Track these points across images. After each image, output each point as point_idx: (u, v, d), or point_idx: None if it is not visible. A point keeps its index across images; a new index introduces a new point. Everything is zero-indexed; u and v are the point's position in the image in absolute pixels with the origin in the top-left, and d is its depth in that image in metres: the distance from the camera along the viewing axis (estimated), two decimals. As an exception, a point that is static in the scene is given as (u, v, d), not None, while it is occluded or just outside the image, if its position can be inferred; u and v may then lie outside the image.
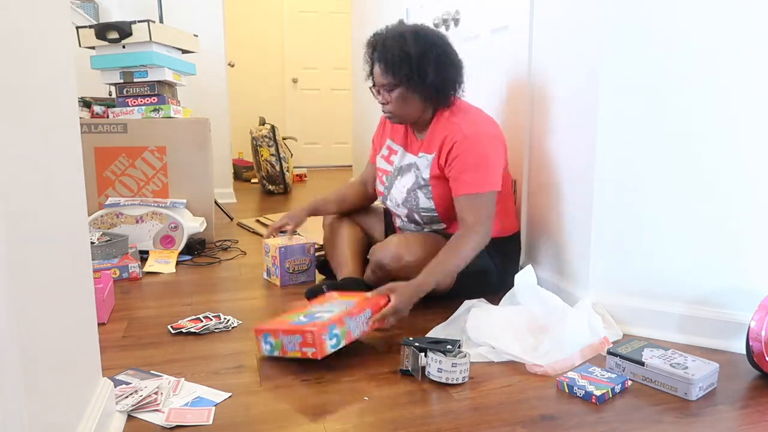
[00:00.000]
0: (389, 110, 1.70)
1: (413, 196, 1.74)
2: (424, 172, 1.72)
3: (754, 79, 1.33)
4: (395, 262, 1.61)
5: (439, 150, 1.68)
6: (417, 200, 1.73)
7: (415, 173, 1.74)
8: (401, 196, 1.77)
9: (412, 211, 1.76)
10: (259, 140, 4.17)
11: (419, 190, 1.73)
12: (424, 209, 1.74)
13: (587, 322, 1.42)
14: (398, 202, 1.79)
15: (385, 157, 1.87)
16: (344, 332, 1.31)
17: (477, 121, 1.68)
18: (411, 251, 1.62)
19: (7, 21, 0.65)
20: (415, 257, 1.61)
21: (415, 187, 1.73)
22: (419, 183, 1.73)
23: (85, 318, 0.92)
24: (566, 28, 1.64)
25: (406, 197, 1.75)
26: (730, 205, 1.39)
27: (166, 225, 2.26)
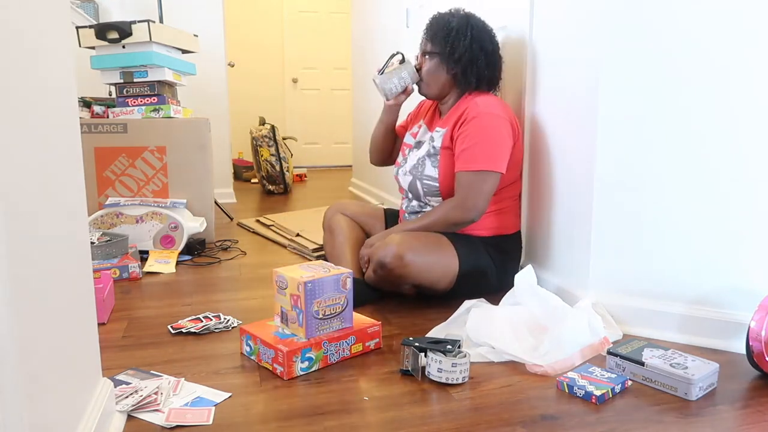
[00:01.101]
0: (421, 76, 1.82)
1: (421, 163, 1.79)
2: (436, 142, 1.78)
3: (755, 80, 1.33)
4: (397, 261, 1.61)
5: (453, 123, 1.74)
6: (423, 167, 1.78)
7: (430, 144, 1.80)
8: (411, 163, 1.83)
9: (416, 179, 1.79)
10: (259, 140, 4.17)
11: (428, 158, 1.78)
12: (427, 177, 1.77)
13: (587, 322, 1.42)
14: (407, 170, 1.84)
15: (412, 134, 1.94)
16: (320, 357, 1.29)
17: (494, 104, 1.72)
18: (412, 251, 1.62)
19: (6, 21, 0.65)
20: (417, 257, 1.62)
21: (425, 155, 1.79)
22: (429, 152, 1.78)
23: (85, 318, 0.92)
24: (566, 28, 1.64)
25: (415, 164, 1.81)
26: (730, 205, 1.39)
27: (166, 225, 2.26)
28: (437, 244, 1.67)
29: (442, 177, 1.74)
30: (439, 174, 1.74)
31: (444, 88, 1.81)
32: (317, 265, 1.39)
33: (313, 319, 1.30)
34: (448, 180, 1.74)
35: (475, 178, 1.67)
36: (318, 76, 5.91)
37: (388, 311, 1.67)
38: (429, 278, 1.65)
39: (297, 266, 1.38)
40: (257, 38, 5.68)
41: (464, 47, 1.73)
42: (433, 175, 1.75)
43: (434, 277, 1.65)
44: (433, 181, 1.76)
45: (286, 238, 2.59)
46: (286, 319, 1.35)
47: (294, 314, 1.32)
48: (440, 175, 1.74)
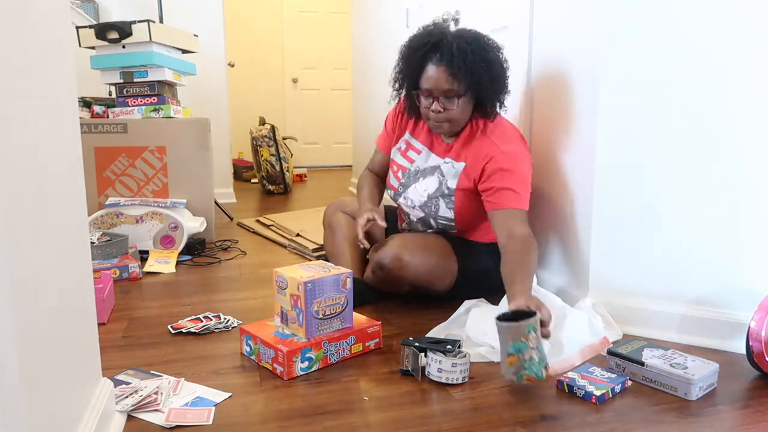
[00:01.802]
0: (446, 117, 1.58)
1: (434, 203, 1.69)
2: (449, 181, 1.66)
3: (755, 80, 1.33)
4: (395, 262, 1.60)
5: (473, 162, 1.62)
6: (438, 208, 1.69)
7: (440, 179, 1.68)
8: (420, 200, 1.71)
9: (429, 216, 1.72)
10: (259, 140, 4.17)
11: (441, 199, 1.67)
12: (442, 218, 1.69)
13: (587, 322, 1.42)
14: (415, 204, 1.73)
15: (402, 152, 1.78)
16: (320, 357, 1.29)
17: (509, 137, 1.62)
18: (411, 252, 1.61)
19: (6, 21, 0.65)
20: (415, 258, 1.61)
21: (437, 195, 1.68)
22: (443, 191, 1.67)
23: (85, 318, 0.92)
24: (566, 28, 1.64)
25: (426, 202, 1.70)
26: (730, 205, 1.39)
27: (166, 225, 2.26)
28: (436, 246, 1.67)
29: (459, 216, 1.67)
30: (455, 215, 1.67)
31: (468, 120, 1.65)
32: (317, 265, 1.39)
33: (313, 319, 1.30)
34: (464, 218, 1.68)
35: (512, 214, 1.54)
36: (318, 76, 5.91)
37: (388, 311, 1.67)
38: (428, 280, 1.64)
39: (297, 266, 1.38)
40: (257, 38, 5.68)
41: (502, 80, 1.59)
42: (449, 216, 1.68)
43: (433, 279, 1.65)
44: (449, 221, 1.69)
45: (286, 238, 2.59)
46: (286, 319, 1.35)
47: (294, 314, 1.32)
48: (457, 216, 1.67)
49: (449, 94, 1.55)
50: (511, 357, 1.14)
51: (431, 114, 1.60)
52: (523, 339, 1.12)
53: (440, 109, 1.57)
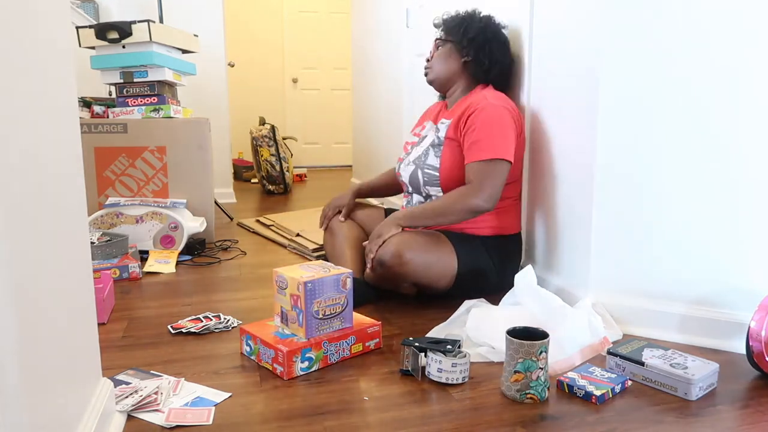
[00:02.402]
0: (429, 65, 1.85)
1: (424, 153, 1.80)
2: (441, 132, 1.79)
3: (755, 81, 1.33)
4: (395, 259, 1.61)
5: (459, 114, 1.75)
6: (426, 157, 1.79)
7: (434, 134, 1.81)
8: (415, 156, 1.84)
9: (418, 168, 1.80)
10: (259, 140, 4.17)
11: (431, 149, 1.79)
12: (428, 166, 1.78)
13: (587, 322, 1.42)
14: (410, 161, 1.85)
15: (415, 133, 1.96)
16: (320, 357, 1.30)
17: (496, 96, 1.75)
18: (412, 249, 1.62)
19: (6, 21, 0.65)
20: (416, 255, 1.62)
21: (428, 146, 1.80)
22: (434, 142, 1.79)
23: (85, 318, 0.92)
24: (566, 27, 1.64)
25: (419, 155, 1.82)
26: (730, 205, 1.39)
27: (166, 225, 2.26)
28: (437, 244, 1.67)
29: (443, 167, 1.74)
30: (440, 164, 1.74)
31: (452, 77, 1.84)
32: (317, 265, 1.39)
33: (313, 319, 1.30)
34: (448, 171, 1.73)
35: (487, 167, 1.66)
36: (318, 76, 5.91)
37: (388, 311, 1.67)
38: (428, 277, 1.65)
39: (297, 266, 1.38)
40: (257, 38, 5.68)
41: (482, 42, 1.78)
42: (434, 165, 1.76)
43: (433, 276, 1.65)
44: (434, 170, 1.76)
45: (286, 238, 2.59)
46: (286, 319, 1.35)
47: (294, 314, 1.32)
48: (441, 165, 1.74)
49: (437, 42, 1.84)
50: (518, 374, 1.14)
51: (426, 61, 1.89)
52: (534, 358, 1.13)
53: (428, 58, 1.87)
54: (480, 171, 1.66)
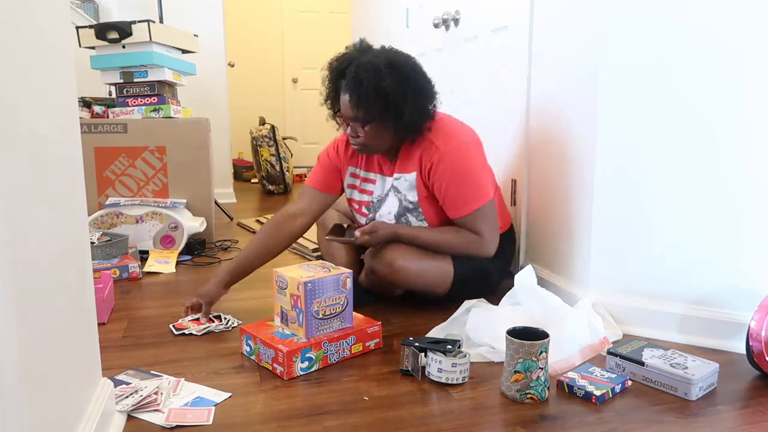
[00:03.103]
0: (361, 143, 1.59)
1: (404, 222, 1.67)
2: (408, 195, 1.65)
3: (756, 79, 1.33)
4: (387, 267, 1.58)
5: (419, 169, 1.62)
6: (409, 224, 1.67)
7: (398, 197, 1.66)
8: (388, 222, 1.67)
9: None
10: (259, 140, 4.17)
11: (409, 215, 1.66)
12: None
13: (587, 322, 1.42)
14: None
15: (356, 188, 1.75)
16: (320, 357, 1.29)
17: (449, 133, 1.61)
18: (404, 257, 1.59)
19: (6, 21, 0.65)
20: (408, 263, 1.59)
21: (404, 212, 1.66)
22: (406, 207, 1.66)
23: (85, 318, 0.92)
24: (566, 27, 1.64)
25: (395, 223, 1.67)
26: (730, 205, 1.39)
27: (166, 225, 2.26)
28: (429, 252, 1.63)
29: (433, 222, 1.66)
30: (428, 223, 1.66)
31: (393, 141, 1.62)
32: (317, 265, 1.39)
33: (313, 319, 1.30)
34: (438, 221, 1.66)
35: (476, 215, 1.61)
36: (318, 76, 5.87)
37: (388, 311, 1.67)
38: (422, 284, 1.62)
39: (297, 266, 1.39)
40: (257, 38, 5.68)
41: (411, 105, 1.53)
42: (424, 226, 1.66)
43: (428, 282, 1.62)
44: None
45: (286, 238, 2.59)
46: (286, 319, 1.35)
47: (294, 314, 1.32)
48: (430, 223, 1.66)
49: (355, 121, 1.56)
50: (518, 374, 1.14)
51: (350, 137, 1.60)
52: (534, 358, 1.13)
53: (354, 134, 1.59)
54: (473, 221, 1.61)
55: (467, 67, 2.31)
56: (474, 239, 1.62)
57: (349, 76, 1.52)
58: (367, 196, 1.74)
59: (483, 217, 1.62)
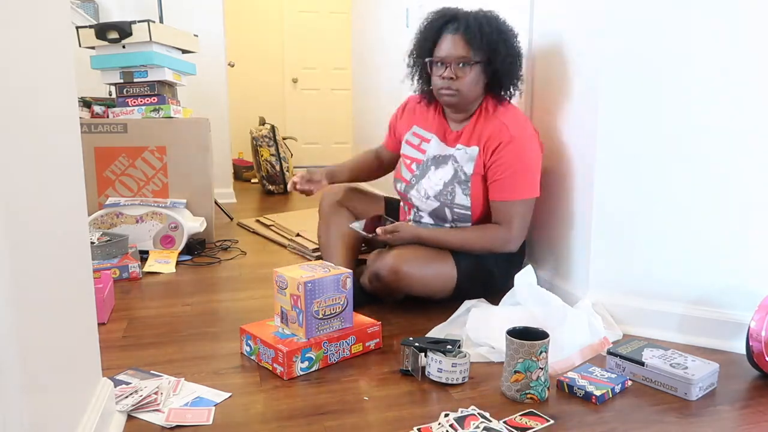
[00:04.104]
0: (456, 87, 1.58)
1: (450, 190, 1.66)
2: (466, 167, 1.65)
3: (756, 80, 1.33)
4: (392, 275, 1.56)
5: (484, 147, 1.62)
6: (453, 195, 1.66)
7: (454, 166, 1.66)
8: (435, 189, 1.68)
9: (445, 205, 1.68)
10: (259, 140, 4.17)
11: (458, 185, 1.65)
12: (458, 206, 1.66)
13: (587, 322, 1.42)
14: (429, 194, 1.69)
15: (414, 145, 1.77)
16: (320, 357, 1.29)
17: (521, 122, 1.63)
18: (408, 263, 1.57)
19: (6, 21, 0.65)
20: (413, 269, 1.57)
21: (454, 181, 1.66)
22: (459, 177, 1.65)
23: (85, 318, 0.92)
24: (566, 27, 1.64)
25: (442, 190, 1.67)
26: (729, 205, 1.39)
27: (166, 225, 2.26)
28: (436, 256, 1.62)
29: (475, 206, 1.65)
30: (471, 202, 1.65)
31: (480, 96, 1.65)
32: (317, 265, 1.39)
33: (313, 319, 1.30)
34: (481, 209, 1.66)
35: (517, 207, 1.61)
36: (318, 76, 5.91)
37: (388, 311, 1.67)
38: (426, 290, 1.62)
39: (297, 266, 1.39)
40: (257, 38, 5.68)
41: (515, 59, 1.61)
42: (465, 204, 1.65)
43: (431, 288, 1.62)
44: (465, 210, 1.66)
45: (286, 238, 2.59)
46: (286, 319, 1.35)
47: (294, 314, 1.32)
48: (473, 204, 1.65)
49: (463, 60, 1.57)
50: (518, 374, 1.14)
51: (442, 82, 1.60)
52: (534, 358, 1.13)
53: (452, 76, 1.58)
54: (511, 212, 1.61)
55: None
56: (500, 235, 1.62)
57: (468, 19, 1.57)
58: (420, 154, 1.75)
59: (522, 210, 1.62)
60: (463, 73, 1.58)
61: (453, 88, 1.59)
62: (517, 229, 1.62)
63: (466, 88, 1.60)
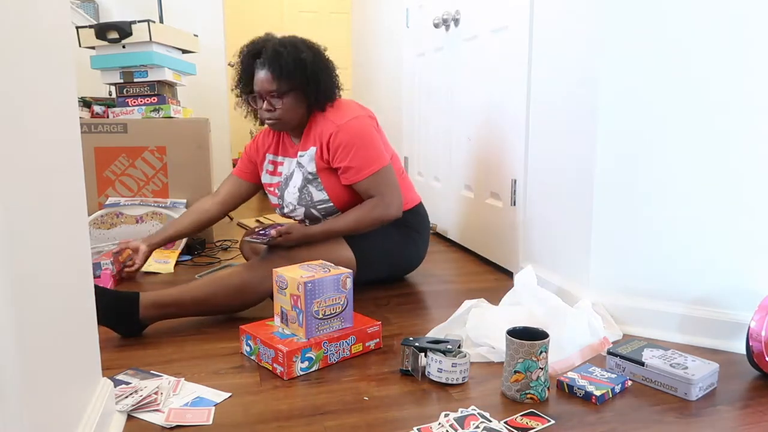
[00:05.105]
0: (277, 117, 1.72)
1: (306, 193, 1.78)
2: (309, 167, 1.77)
3: (757, 80, 1.33)
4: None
5: (319, 144, 1.74)
6: (310, 195, 1.78)
7: (301, 171, 1.79)
8: (294, 197, 1.81)
9: (309, 207, 1.80)
10: (259, 140, 4.16)
11: (309, 185, 1.77)
12: (319, 202, 1.78)
13: (587, 322, 1.42)
14: (294, 204, 1.82)
15: (271, 172, 1.91)
16: (320, 357, 1.30)
17: (343, 110, 1.75)
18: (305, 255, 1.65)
19: (6, 21, 0.65)
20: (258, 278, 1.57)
21: (305, 184, 1.78)
22: (307, 178, 1.77)
23: (85, 318, 0.92)
24: (566, 27, 1.64)
25: (300, 196, 1.79)
26: (730, 205, 1.39)
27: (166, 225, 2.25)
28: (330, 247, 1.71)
29: (332, 196, 1.77)
30: (328, 195, 1.77)
31: (304, 115, 1.76)
32: (317, 265, 1.39)
33: (313, 319, 1.30)
34: (338, 194, 1.77)
35: (376, 179, 1.72)
36: (318, 76, 5.90)
37: (388, 311, 1.67)
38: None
39: (297, 266, 1.39)
40: (257, 38, 5.68)
41: (325, 76, 1.72)
42: (323, 198, 1.77)
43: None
44: (326, 203, 1.78)
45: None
46: (286, 319, 1.35)
47: (294, 314, 1.32)
48: (330, 195, 1.77)
49: (274, 94, 1.70)
50: (517, 374, 1.14)
51: (264, 114, 1.74)
52: (534, 358, 1.13)
53: (270, 108, 1.72)
54: (373, 184, 1.72)
55: (467, 67, 2.31)
56: (377, 204, 1.71)
57: (268, 52, 1.67)
58: (277, 177, 1.89)
59: (382, 180, 1.72)
60: (278, 104, 1.71)
61: (275, 118, 1.73)
62: (389, 195, 1.73)
63: (288, 115, 1.73)
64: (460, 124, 2.40)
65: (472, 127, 2.30)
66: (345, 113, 1.74)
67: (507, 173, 2.04)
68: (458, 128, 2.42)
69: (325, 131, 1.72)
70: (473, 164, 2.32)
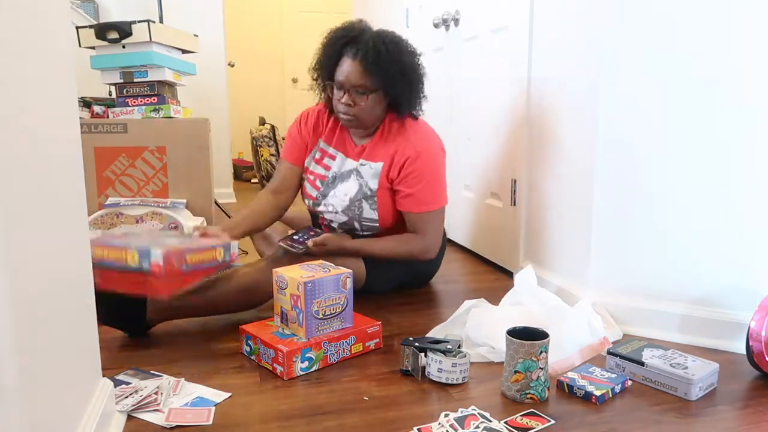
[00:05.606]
0: (354, 113, 1.60)
1: (357, 206, 1.70)
2: (370, 182, 1.68)
3: (758, 78, 1.33)
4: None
5: (390, 162, 1.66)
6: (361, 210, 1.71)
7: (359, 181, 1.69)
8: (342, 204, 1.72)
9: (354, 220, 1.73)
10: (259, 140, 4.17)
11: (364, 201, 1.69)
12: (367, 219, 1.72)
13: (587, 322, 1.42)
14: (337, 209, 1.73)
15: (318, 161, 1.78)
16: (320, 357, 1.29)
17: (426, 136, 1.68)
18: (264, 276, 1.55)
19: (6, 21, 0.65)
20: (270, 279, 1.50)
21: (359, 197, 1.69)
22: (365, 193, 1.69)
23: (85, 318, 0.92)
24: (566, 27, 1.64)
25: (349, 206, 1.71)
26: (730, 204, 1.39)
27: (166, 225, 2.25)
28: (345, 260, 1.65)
29: (383, 218, 1.71)
30: (379, 216, 1.71)
31: (381, 118, 1.67)
32: (317, 265, 1.39)
33: (313, 319, 1.30)
34: (389, 221, 1.72)
35: (430, 217, 1.68)
36: (318, 76, 5.91)
37: (388, 311, 1.67)
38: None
39: (297, 266, 1.39)
40: (257, 38, 5.68)
41: (416, 82, 1.63)
42: (373, 217, 1.71)
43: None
44: (373, 223, 1.72)
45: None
46: (286, 319, 1.35)
47: (294, 314, 1.32)
48: (380, 217, 1.71)
49: (360, 89, 1.58)
50: (518, 374, 1.14)
51: (341, 106, 1.62)
52: (534, 358, 1.13)
53: (350, 103, 1.59)
54: (425, 221, 1.68)
55: (467, 67, 2.31)
56: (419, 242, 1.68)
57: (366, 44, 1.54)
58: (324, 170, 1.76)
59: (434, 221, 1.69)
60: (361, 100, 1.59)
61: (351, 114, 1.61)
62: (432, 236, 1.69)
63: (364, 114, 1.62)
64: (460, 124, 2.40)
65: (472, 127, 2.30)
66: (425, 137, 1.66)
67: (507, 173, 2.04)
68: (458, 128, 2.42)
69: (400, 150, 1.63)
70: (473, 164, 2.32)
